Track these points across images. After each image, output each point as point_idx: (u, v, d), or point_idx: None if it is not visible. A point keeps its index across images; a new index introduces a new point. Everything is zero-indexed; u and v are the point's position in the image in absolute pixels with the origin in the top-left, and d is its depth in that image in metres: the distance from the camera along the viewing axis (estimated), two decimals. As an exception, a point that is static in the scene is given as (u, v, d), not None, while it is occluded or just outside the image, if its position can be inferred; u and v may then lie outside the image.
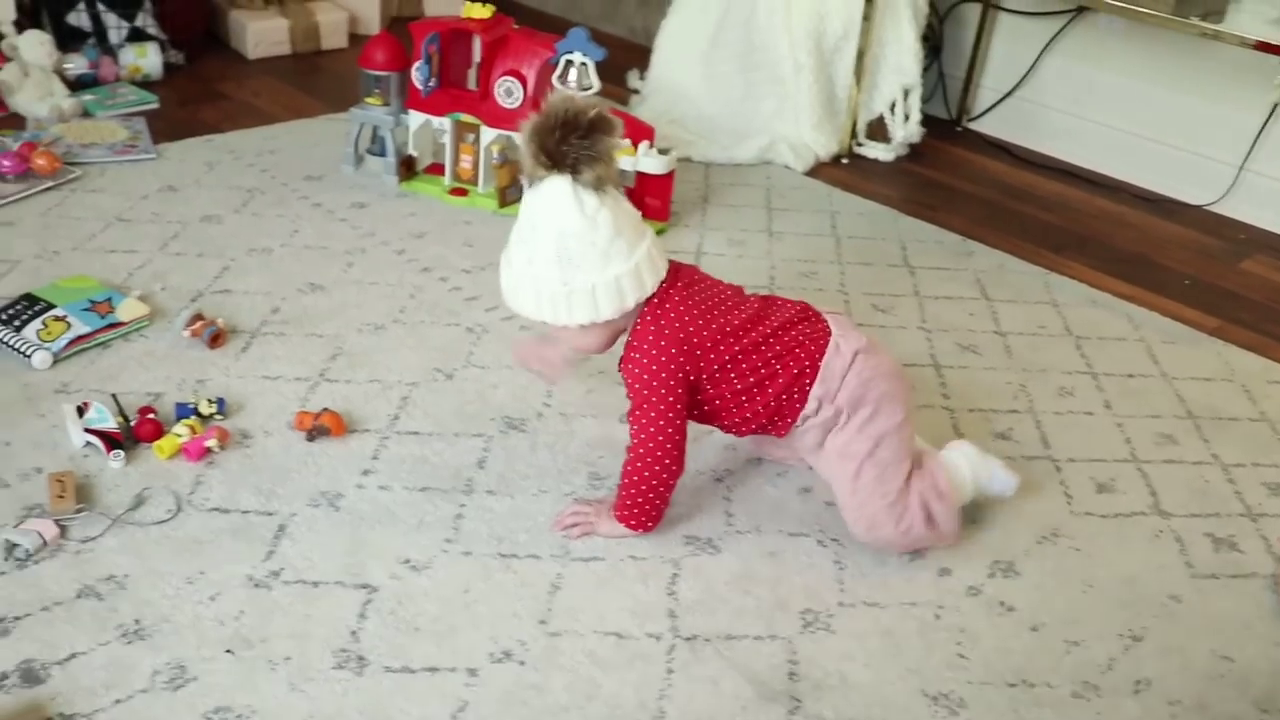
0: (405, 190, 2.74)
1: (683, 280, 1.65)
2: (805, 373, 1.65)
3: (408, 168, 2.77)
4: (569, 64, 2.56)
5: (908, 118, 3.28)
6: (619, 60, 3.18)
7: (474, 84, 2.72)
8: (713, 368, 1.63)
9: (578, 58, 2.55)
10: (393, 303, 2.26)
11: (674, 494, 1.71)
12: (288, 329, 2.14)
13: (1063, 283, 2.64)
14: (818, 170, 3.16)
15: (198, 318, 2.06)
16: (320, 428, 1.84)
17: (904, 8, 3.17)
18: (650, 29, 3.51)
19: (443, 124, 2.68)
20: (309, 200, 2.66)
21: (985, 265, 2.69)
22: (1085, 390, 2.22)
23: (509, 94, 2.58)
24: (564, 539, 1.69)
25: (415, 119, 2.70)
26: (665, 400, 1.62)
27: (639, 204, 2.64)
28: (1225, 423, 2.15)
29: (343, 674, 1.44)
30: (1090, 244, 2.88)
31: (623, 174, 2.64)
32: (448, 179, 2.75)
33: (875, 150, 3.29)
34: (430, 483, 1.78)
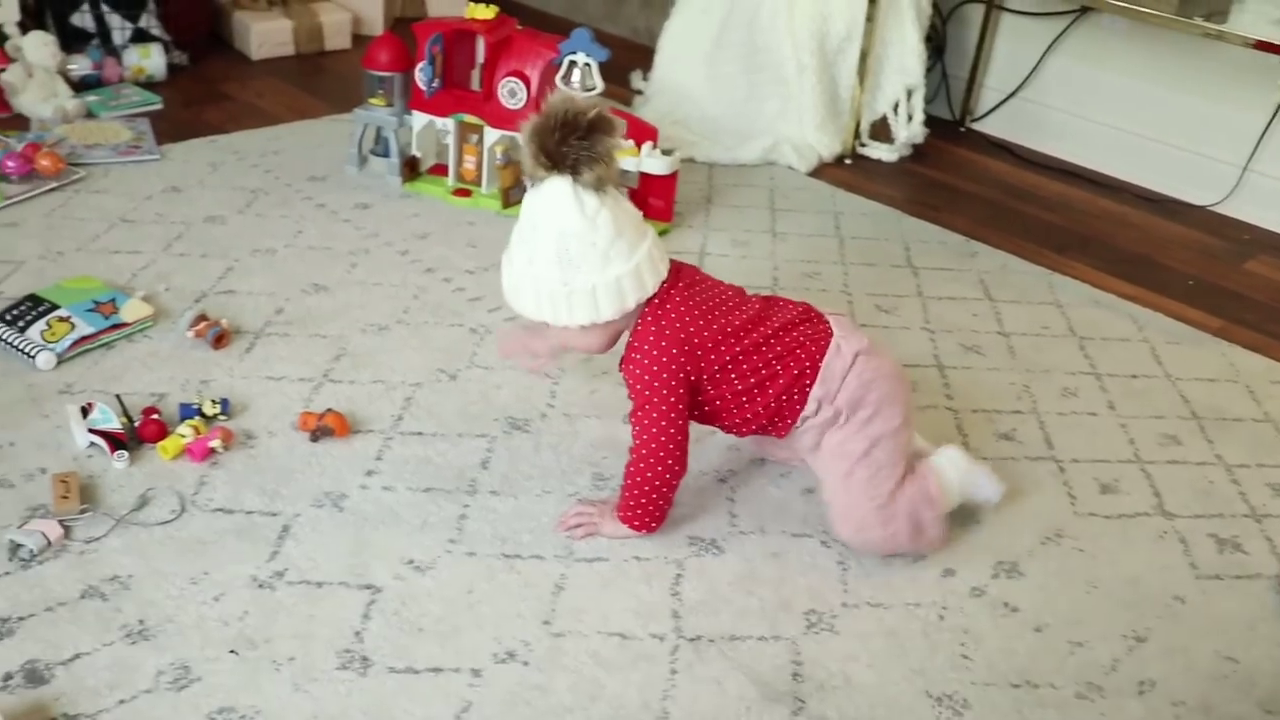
0: (409, 191, 2.75)
1: (684, 280, 1.65)
2: (805, 373, 1.64)
3: (411, 168, 2.77)
4: (572, 65, 2.56)
5: (911, 118, 3.28)
6: (622, 61, 3.18)
7: (477, 85, 2.72)
8: (713, 368, 1.62)
9: (581, 58, 2.55)
10: (396, 303, 2.26)
11: (677, 494, 1.71)
12: (291, 329, 2.14)
13: (1066, 283, 2.64)
14: (821, 171, 3.16)
15: (202, 318, 2.07)
16: (324, 428, 1.85)
17: (907, 8, 3.17)
18: (653, 30, 3.51)
19: (446, 125, 2.69)
20: (313, 201, 2.66)
21: (988, 266, 2.69)
22: (1089, 391, 2.21)
23: (512, 95, 2.58)
24: (568, 539, 1.69)
25: (419, 120, 2.70)
26: (667, 400, 1.62)
27: (642, 205, 2.64)
28: (1229, 423, 2.15)
29: (347, 674, 1.44)
30: (1093, 244, 2.88)
31: (626, 175, 2.65)
32: (451, 180, 2.75)
33: (878, 151, 3.29)
34: (434, 483, 1.79)
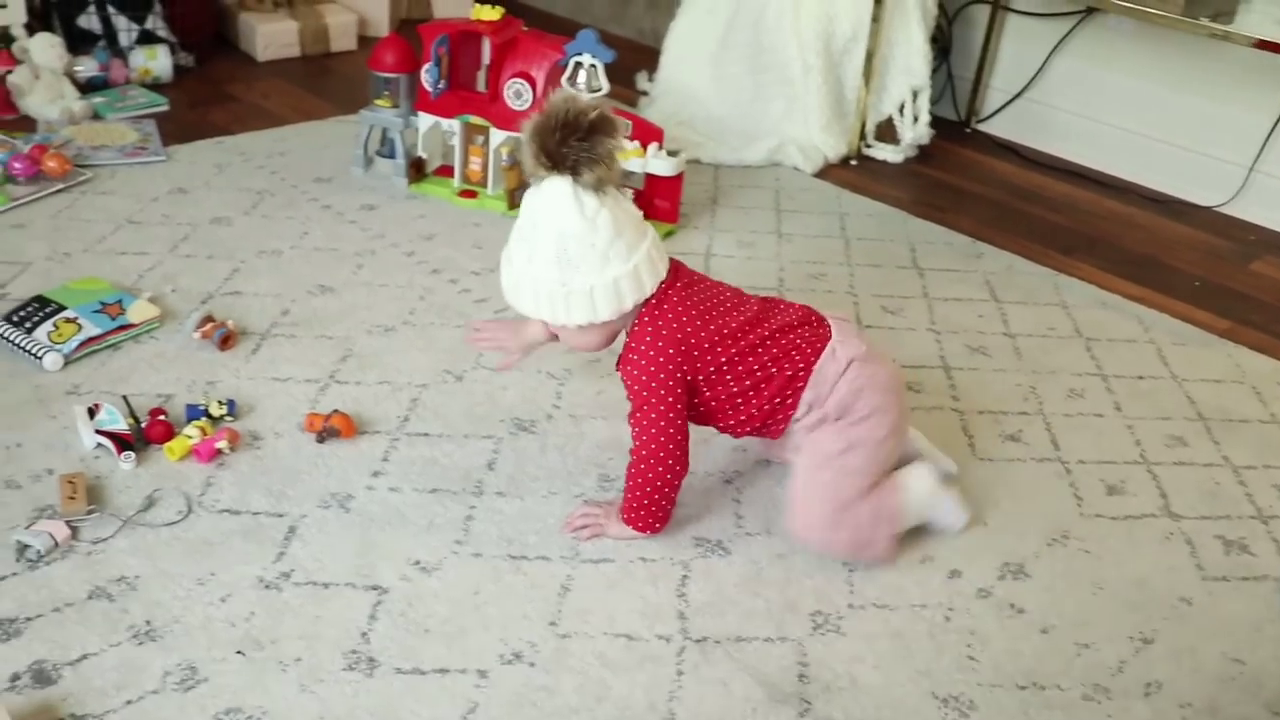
0: (414, 192, 2.75)
1: (682, 281, 1.65)
2: (798, 376, 1.64)
3: (417, 170, 2.78)
4: (578, 66, 2.57)
5: (916, 119, 3.28)
6: (628, 62, 3.18)
7: (483, 86, 2.72)
8: (709, 369, 1.62)
9: (587, 59, 2.55)
10: (402, 304, 2.27)
11: (683, 496, 1.71)
12: (298, 331, 2.15)
13: (1072, 284, 2.63)
14: (826, 172, 3.16)
15: (208, 319, 2.07)
16: (330, 429, 1.85)
17: (913, 9, 3.16)
18: (659, 30, 3.51)
19: (452, 126, 2.69)
20: (319, 202, 2.66)
21: (994, 267, 2.68)
22: (1095, 392, 2.21)
23: (518, 96, 2.58)
24: (574, 541, 1.69)
25: (424, 121, 2.70)
26: (665, 401, 1.61)
27: (648, 206, 2.65)
28: (1236, 424, 2.15)
29: (353, 675, 1.44)
30: (1100, 245, 2.88)
31: (632, 175, 2.65)
32: (457, 181, 2.75)
33: (884, 152, 3.29)
34: (440, 484, 1.79)
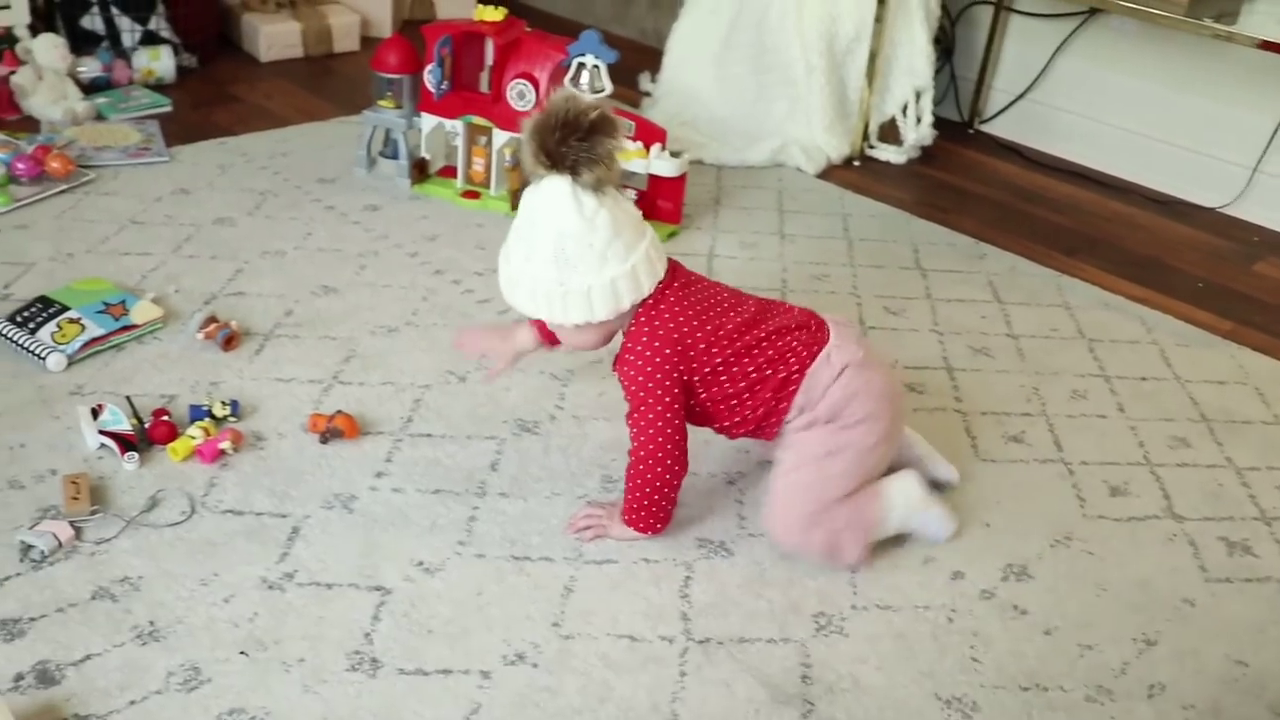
0: (417, 193, 2.75)
1: (679, 281, 1.65)
2: (791, 379, 1.63)
3: (420, 170, 2.78)
4: (581, 67, 2.57)
5: (919, 120, 3.28)
6: (630, 63, 3.18)
7: (486, 87, 2.72)
8: (705, 369, 1.62)
9: (590, 60, 2.55)
10: (405, 305, 2.27)
11: (685, 497, 1.71)
12: (301, 331, 2.15)
13: (1075, 285, 2.63)
14: (829, 173, 3.16)
15: (211, 320, 2.07)
16: (333, 430, 1.85)
17: (916, 10, 3.16)
18: (661, 31, 3.51)
19: (455, 127, 2.69)
20: (322, 203, 2.66)
21: (997, 268, 2.68)
22: (1098, 393, 2.21)
23: (521, 97, 2.58)
24: (577, 541, 1.69)
25: (428, 122, 2.71)
26: (662, 401, 1.61)
27: (651, 207, 2.65)
28: (1239, 426, 2.15)
29: (356, 676, 1.44)
30: (1102, 246, 2.88)
31: (635, 176, 2.65)
32: (460, 182, 2.75)
33: (887, 152, 3.29)
34: (443, 485, 1.79)
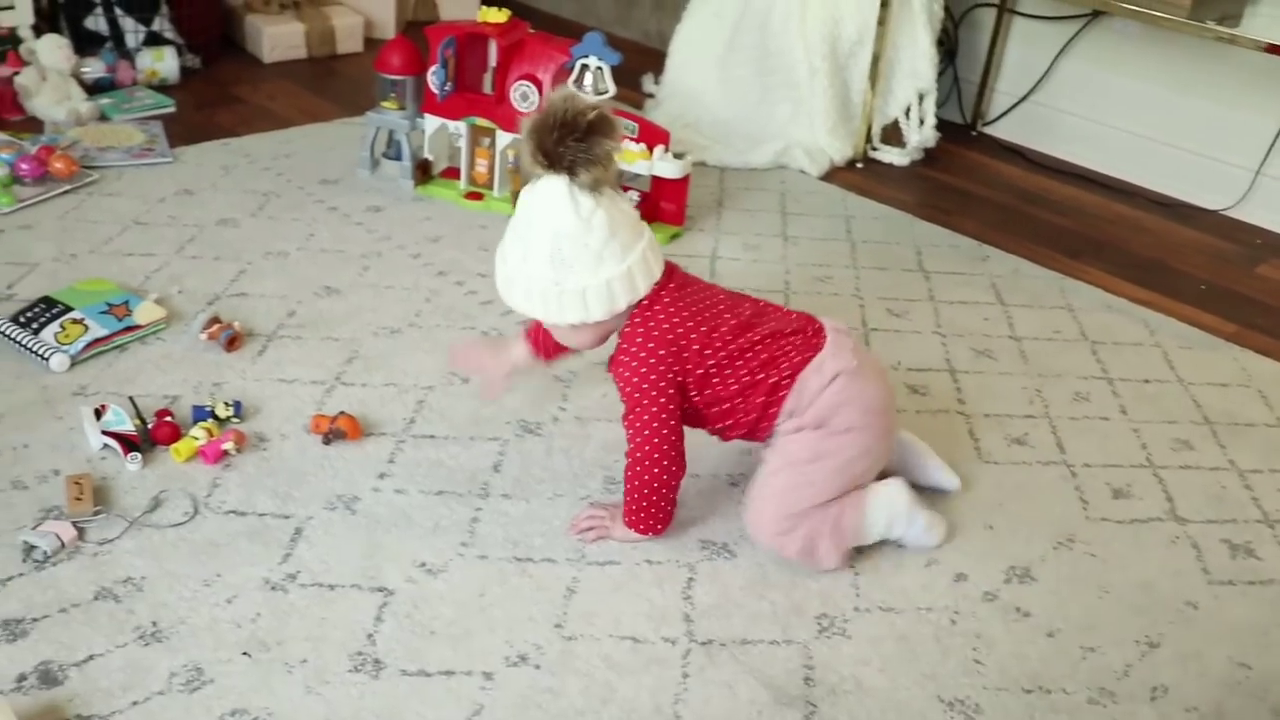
0: (421, 194, 2.75)
1: (675, 282, 1.65)
2: (782, 384, 1.63)
3: (423, 171, 2.78)
4: (584, 68, 2.56)
5: (922, 122, 3.27)
6: (634, 64, 3.18)
7: (489, 88, 2.72)
8: (698, 372, 1.62)
9: (593, 62, 2.55)
10: (408, 306, 2.27)
11: (688, 498, 1.71)
12: (304, 332, 2.15)
13: (1078, 287, 2.63)
14: (832, 175, 3.16)
15: (214, 321, 2.07)
16: (336, 431, 1.85)
17: (919, 12, 3.16)
18: (665, 33, 3.51)
19: (458, 128, 2.69)
20: (325, 204, 2.66)
21: (1000, 270, 2.68)
22: (1101, 395, 2.21)
23: (524, 98, 2.58)
24: (579, 543, 1.69)
25: (431, 123, 2.71)
26: (657, 402, 1.61)
27: (654, 208, 2.65)
28: (1242, 428, 2.15)
29: (359, 677, 1.44)
30: (1106, 249, 2.88)
31: (638, 178, 2.65)
32: (463, 183, 2.76)
33: (890, 155, 3.28)
34: (446, 486, 1.79)
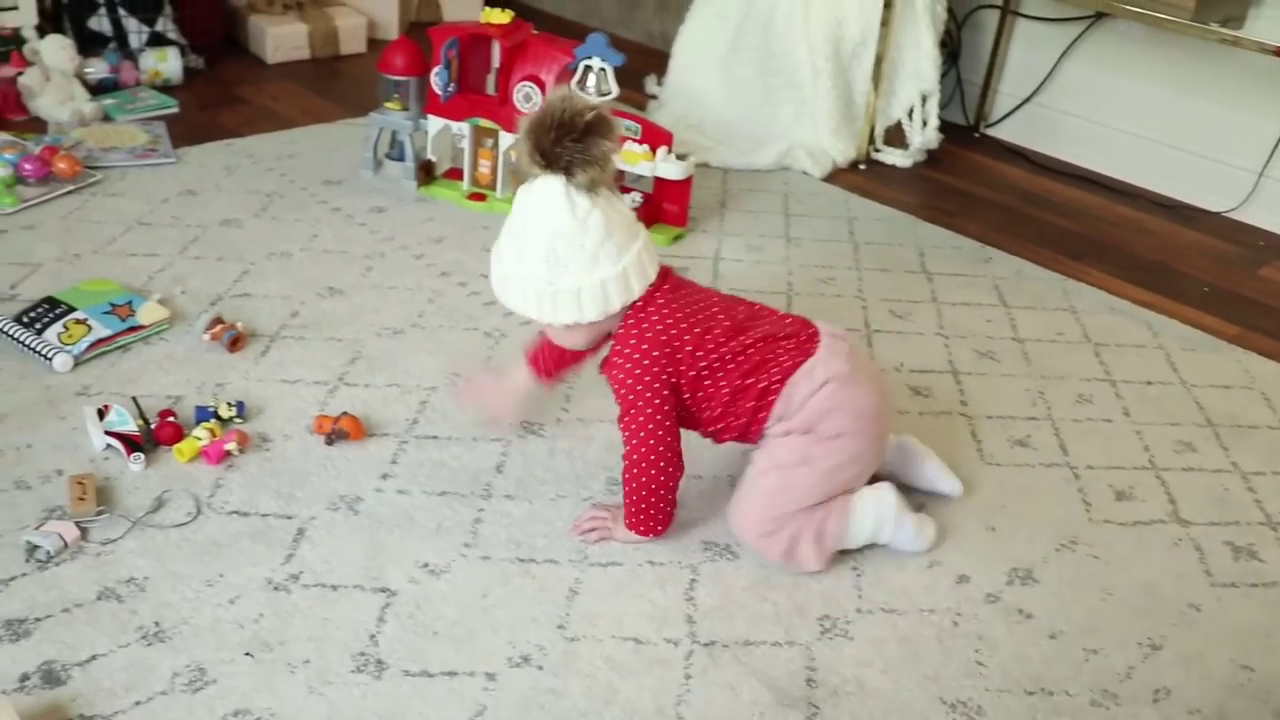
0: (424, 195, 2.75)
1: (669, 284, 1.65)
2: (771, 388, 1.63)
3: (426, 172, 2.78)
4: (587, 69, 2.57)
5: (925, 124, 3.27)
6: (637, 65, 3.18)
7: (493, 89, 2.72)
8: (690, 373, 1.62)
9: (596, 63, 2.56)
10: (411, 307, 2.27)
11: (690, 499, 1.71)
12: (307, 333, 2.15)
13: (1081, 289, 2.63)
14: (835, 176, 3.16)
15: (217, 321, 2.07)
16: (339, 431, 1.85)
17: (922, 13, 3.16)
18: (668, 34, 3.51)
19: (461, 129, 2.69)
20: (328, 205, 2.67)
21: (1003, 272, 2.68)
22: (1104, 397, 2.21)
23: (528, 99, 2.58)
24: (582, 544, 1.69)
25: (434, 124, 2.71)
26: (652, 404, 1.61)
27: (657, 209, 2.65)
28: (1245, 430, 2.14)
29: (361, 677, 1.44)
30: (1109, 251, 2.88)
31: (641, 179, 2.65)
32: (466, 184, 2.76)
33: (893, 156, 3.28)
34: (449, 487, 1.79)
